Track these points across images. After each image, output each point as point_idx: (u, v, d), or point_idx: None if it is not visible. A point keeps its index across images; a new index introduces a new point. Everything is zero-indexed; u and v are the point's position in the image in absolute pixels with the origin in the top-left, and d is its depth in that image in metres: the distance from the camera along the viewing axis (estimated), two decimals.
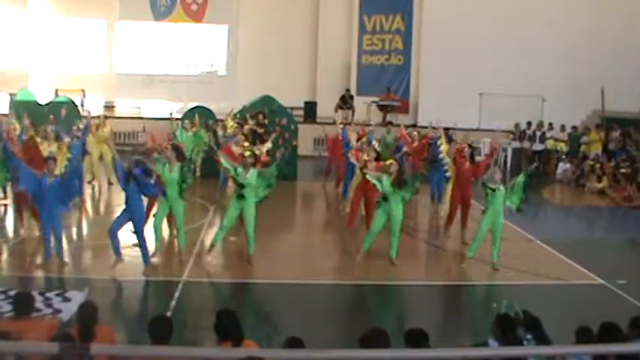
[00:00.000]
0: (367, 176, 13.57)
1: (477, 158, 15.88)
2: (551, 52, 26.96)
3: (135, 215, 12.33)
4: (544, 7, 27.28)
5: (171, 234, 14.18)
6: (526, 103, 26.19)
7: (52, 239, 12.37)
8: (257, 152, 14.65)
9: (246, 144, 16.98)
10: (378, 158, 14.55)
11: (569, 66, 26.86)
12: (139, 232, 12.40)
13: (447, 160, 16.05)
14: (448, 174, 16.08)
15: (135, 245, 12.66)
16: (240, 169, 12.76)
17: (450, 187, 16.24)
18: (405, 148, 17.62)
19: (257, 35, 31.10)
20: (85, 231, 15.76)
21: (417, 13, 29.25)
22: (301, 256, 14.11)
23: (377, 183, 12.99)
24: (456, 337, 9.25)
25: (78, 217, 16.31)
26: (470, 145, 16.89)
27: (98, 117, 20.95)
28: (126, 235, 13.19)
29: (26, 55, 31.47)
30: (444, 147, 16.55)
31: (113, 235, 12.29)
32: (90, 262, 12.97)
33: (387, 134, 20.31)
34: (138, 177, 12.07)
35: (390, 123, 23.71)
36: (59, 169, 12.93)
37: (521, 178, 13.12)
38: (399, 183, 12.83)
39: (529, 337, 7.00)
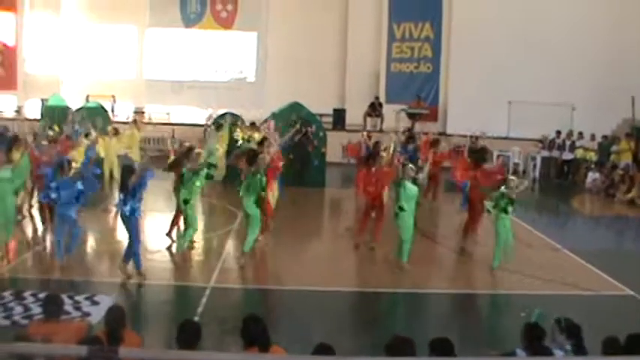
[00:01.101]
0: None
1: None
2: (581, 60, 26.75)
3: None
4: (574, 14, 27.08)
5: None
6: (555, 112, 25.96)
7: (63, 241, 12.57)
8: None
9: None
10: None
11: (600, 74, 26.61)
12: (134, 238, 12.40)
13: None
14: None
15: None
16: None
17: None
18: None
19: (286, 42, 31.18)
20: (110, 235, 15.83)
21: (446, 21, 29.21)
22: (329, 263, 14.09)
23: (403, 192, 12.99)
24: (481, 346, 9.20)
25: (103, 219, 16.47)
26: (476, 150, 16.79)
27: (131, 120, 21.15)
28: (152, 241, 13.29)
29: (58, 61, 31.81)
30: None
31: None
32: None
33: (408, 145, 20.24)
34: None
35: (409, 130, 23.74)
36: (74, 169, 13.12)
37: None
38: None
39: (568, 346, 6.92)
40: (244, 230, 15.64)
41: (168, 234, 14.57)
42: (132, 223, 12.11)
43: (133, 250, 12.23)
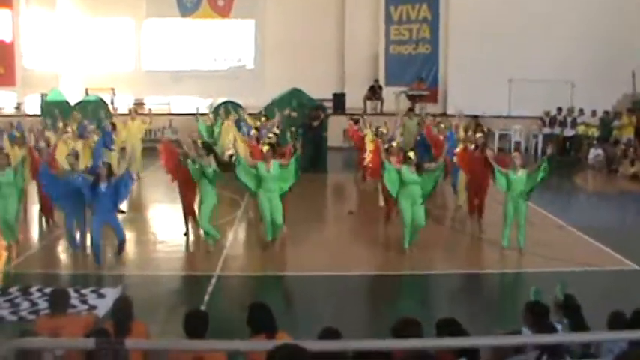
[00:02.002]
0: (386, 166, 13.38)
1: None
2: (579, 36, 26.57)
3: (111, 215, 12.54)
4: None
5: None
6: (556, 89, 25.88)
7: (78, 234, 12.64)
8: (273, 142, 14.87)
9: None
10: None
11: (599, 50, 26.41)
12: (121, 232, 12.59)
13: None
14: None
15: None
16: (261, 165, 12.88)
17: (462, 176, 16.19)
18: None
19: (284, 29, 31.11)
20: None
21: (443, 1, 29.08)
22: (332, 248, 14.11)
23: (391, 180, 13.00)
24: (487, 325, 9.20)
25: None
26: (482, 132, 16.71)
27: (129, 112, 21.10)
28: (157, 232, 13.30)
29: (56, 55, 31.75)
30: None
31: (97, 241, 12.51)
32: (123, 258, 13.02)
33: (409, 120, 20.18)
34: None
35: (411, 110, 23.71)
36: (84, 164, 13.13)
37: (542, 172, 12.97)
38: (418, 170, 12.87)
39: (564, 321, 6.96)
40: (249, 218, 15.79)
41: (186, 233, 14.47)
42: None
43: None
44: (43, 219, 15.04)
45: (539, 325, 6.42)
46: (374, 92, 28.92)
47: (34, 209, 15.68)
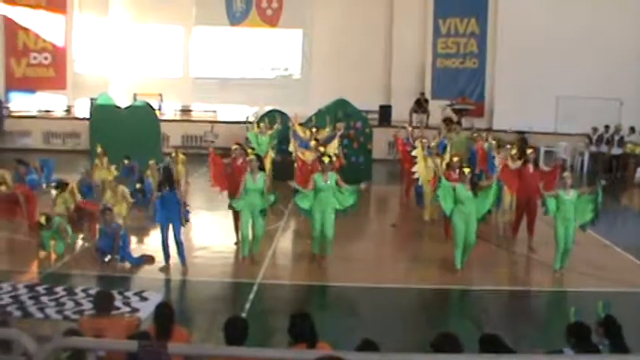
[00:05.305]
0: (442, 182, 13.22)
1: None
2: (628, 54, 26.32)
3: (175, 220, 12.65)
4: (621, 7, 26.64)
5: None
6: (603, 107, 25.58)
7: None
8: (332, 154, 14.77)
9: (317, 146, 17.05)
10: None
11: None
12: (179, 235, 12.69)
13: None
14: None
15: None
16: (318, 177, 12.85)
17: (507, 193, 16.06)
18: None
19: (331, 39, 31.25)
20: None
21: (492, 16, 28.94)
22: (375, 260, 14.09)
23: (445, 198, 12.85)
24: (529, 344, 9.11)
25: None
26: (527, 147, 16.50)
27: (170, 154, 21.15)
28: (199, 238, 13.37)
29: (106, 61, 32.24)
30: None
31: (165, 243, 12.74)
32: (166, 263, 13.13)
33: (456, 135, 20.02)
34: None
35: (459, 123, 23.55)
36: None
37: (596, 196, 12.75)
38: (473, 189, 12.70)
39: (605, 342, 6.87)
40: (292, 227, 15.84)
41: (237, 243, 14.41)
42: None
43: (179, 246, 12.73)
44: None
45: (581, 346, 6.35)
46: (420, 105, 28.88)
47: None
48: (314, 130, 19.53)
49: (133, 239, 14.17)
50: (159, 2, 31.19)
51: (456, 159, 14.71)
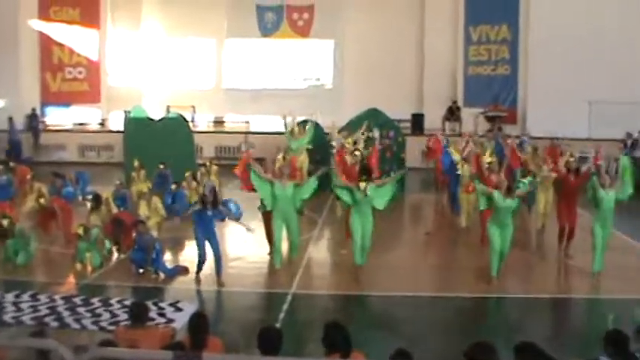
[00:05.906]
0: (478, 189, 13.15)
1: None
2: None
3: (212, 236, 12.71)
4: None
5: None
6: (638, 111, 25.28)
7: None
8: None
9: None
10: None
11: None
12: (217, 250, 12.70)
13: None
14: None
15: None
16: (357, 190, 12.72)
17: (541, 198, 15.97)
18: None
19: (363, 48, 31.28)
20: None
21: (523, 23, 28.72)
22: (409, 268, 14.03)
23: (485, 200, 12.75)
24: (565, 352, 9.01)
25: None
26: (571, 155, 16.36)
27: (204, 164, 21.44)
28: (233, 248, 13.42)
29: (139, 74, 32.57)
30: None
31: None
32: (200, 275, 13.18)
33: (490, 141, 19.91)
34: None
35: (490, 131, 23.44)
36: None
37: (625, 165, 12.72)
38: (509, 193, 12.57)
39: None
40: (325, 236, 15.83)
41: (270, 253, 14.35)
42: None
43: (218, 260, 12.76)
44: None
45: (618, 355, 6.26)
46: (452, 113, 28.81)
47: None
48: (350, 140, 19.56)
49: (168, 251, 14.26)
50: (191, 15, 31.50)
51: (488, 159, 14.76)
